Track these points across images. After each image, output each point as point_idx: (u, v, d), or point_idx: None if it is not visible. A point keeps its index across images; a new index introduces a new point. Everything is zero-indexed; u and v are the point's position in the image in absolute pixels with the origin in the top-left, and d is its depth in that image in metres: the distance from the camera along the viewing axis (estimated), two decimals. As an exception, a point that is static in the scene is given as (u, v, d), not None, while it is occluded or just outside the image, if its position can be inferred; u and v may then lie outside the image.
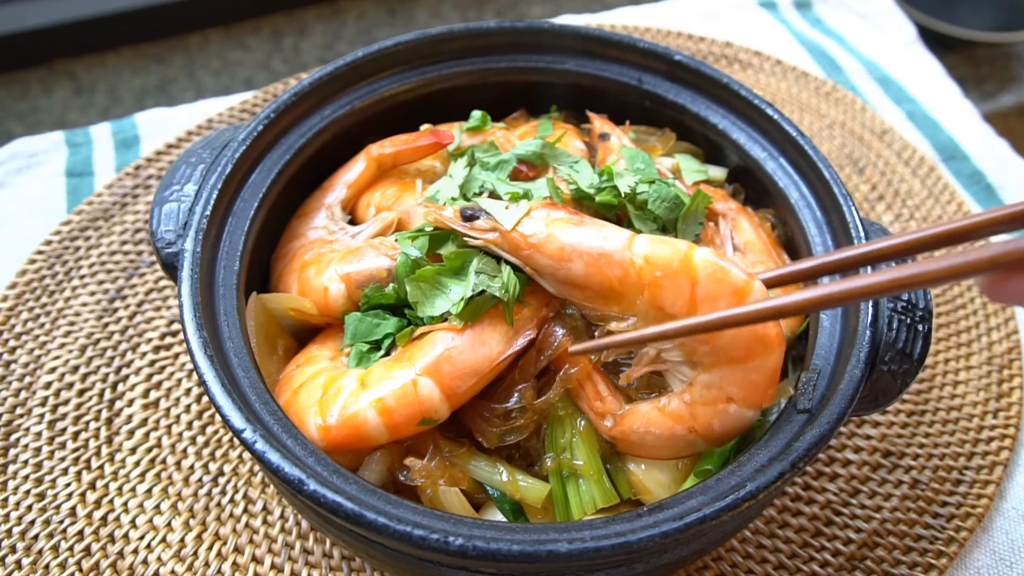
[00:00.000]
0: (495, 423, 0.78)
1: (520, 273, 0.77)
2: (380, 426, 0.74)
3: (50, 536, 0.95)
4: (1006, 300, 0.59)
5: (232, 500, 0.99)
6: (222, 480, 1.00)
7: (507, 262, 0.77)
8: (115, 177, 1.30)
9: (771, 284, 0.73)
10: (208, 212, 0.82)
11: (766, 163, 0.94)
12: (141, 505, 0.98)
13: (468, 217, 0.76)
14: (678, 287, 0.70)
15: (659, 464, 0.78)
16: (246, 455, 1.02)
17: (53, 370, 1.09)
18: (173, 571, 0.93)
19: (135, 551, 0.94)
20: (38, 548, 0.94)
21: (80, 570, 0.93)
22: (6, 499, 0.97)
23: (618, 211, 0.86)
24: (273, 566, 0.94)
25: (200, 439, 1.04)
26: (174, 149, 1.35)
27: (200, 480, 1.00)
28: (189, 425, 1.05)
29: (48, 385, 1.07)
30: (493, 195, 0.84)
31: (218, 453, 1.03)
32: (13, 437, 1.03)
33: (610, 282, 0.71)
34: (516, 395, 0.77)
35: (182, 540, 0.95)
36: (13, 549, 0.93)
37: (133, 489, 0.99)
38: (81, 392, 1.07)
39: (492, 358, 0.75)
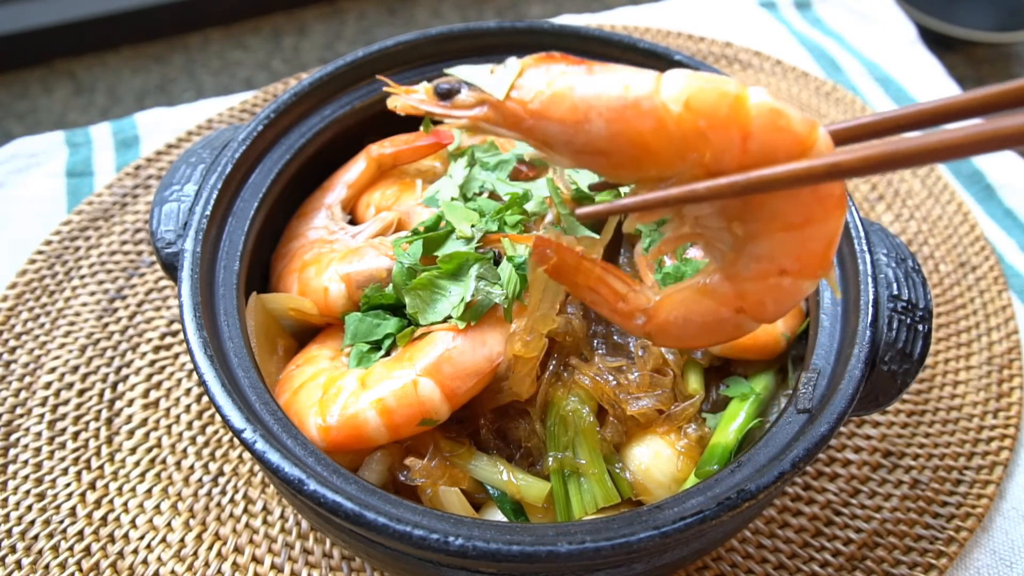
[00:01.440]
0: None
1: (521, 272, 0.77)
2: (380, 426, 0.74)
3: (50, 536, 0.95)
4: None
5: (232, 500, 0.99)
6: (222, 480, 1.00)
7: (506, 137, 0.64)
8: (115, 177, 1.30)
9: (835, 139, 0.58)
10: (208, 212, 0.82)
11: (766, 163, 0.93)
12: (141, 505, 0.98)
13: (445, 94, 0.62)
14: (727, 139, 0.55)
15: (660, 464, 0.78)
16: (246, 455, 1.02)
17: (53, 370, 1.09)
18: (173, 571, 0.93)
19: (135, 551, 0.94)
20: (38, 548, 0.94)
21: (80, 570, 0.93)
22: (6, 499, 0.97)
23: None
24: (273, 566, 0.94)
25: (200, 439, 1.04)
26: (174, 149, 1.35)
27: (200, 480, 1.00)
28: (189, 425, 1.05)
29: (48, 385, 1.07)
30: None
31: (218, 453, 1.03)
32: (13, 437, 1.03)
33: (642, 139, 0.57)
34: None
35: (182, 540, 0.95)
36: (13, 549, 0.93)
37: (133, 489, 0.99)
38: (81, 392, 1.07)
39: (492, 358, 0.75)
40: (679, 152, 0.57)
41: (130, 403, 1.07)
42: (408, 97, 0.64)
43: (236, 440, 0.94)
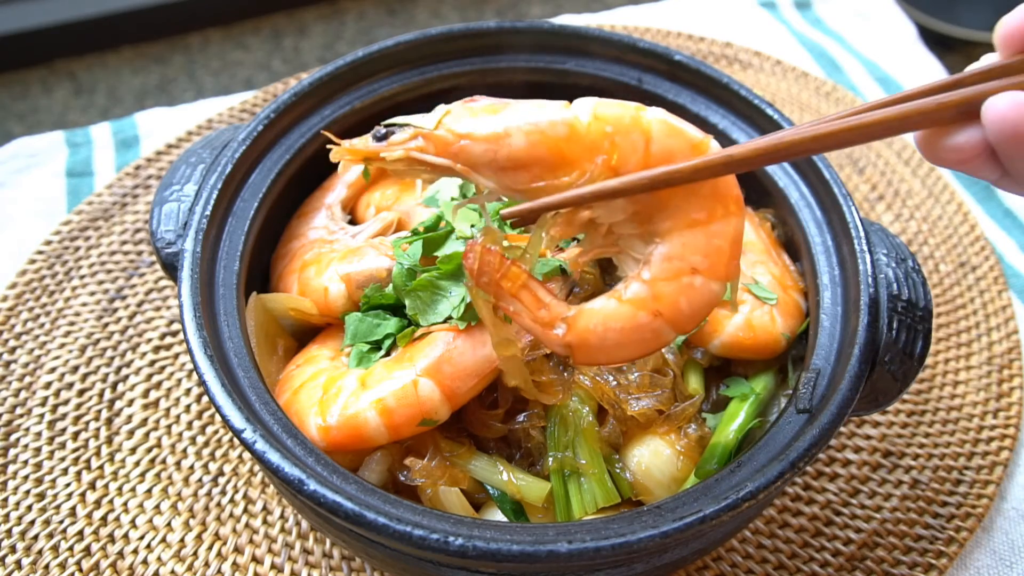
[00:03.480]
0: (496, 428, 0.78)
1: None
2: (380, 427, 0.74)
3: (50, 536, 0.95)
4: (937, 159, 0.58)
5: (232, 500, 0.99)
6: (222, 480, 1.00)
7: (436, 168, 0.68)
8: (115, 177, 1.30)
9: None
10: (208, 212, 0.82)
11: (766, 163, 0.93)
12: (141, 505, 0.98)
13: (381, 137, 0.68)
14: (632, 143, 0.64)
15: (660, 464, 0.78)
16: (246, 455, 1.02)
17: (53, 370, 1.09)
18: (173, 571, 0.93)
19: (135, 551, 0.94)
20: (38, 548, 0.94)
21: (80, 570, 0.93)
22: (6, 499, 0.97)
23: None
24: (273, 566, 0.94)
25: (200, 439, 1.03)
26: (174, 149, 1.35)
27: (200, 480, 1.00)
28: (189, 425, 1.05)
29: (48, 385, 1.07)
30: None
31: (218, 453, 1.03)
32: (13, 437, 1.03)
33: (557, 145, 0.64)
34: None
35: (182, 540, 0.95)
36: (13, 549, 0.93)
37: (133, 489, 0.99)
38: (81, 392, 1.07)
39: (493, 359, 0.75)
40: (590, 155, 0.65)
41: (130, 403, 1.07)
42: (343, 152, 0.68)
43: (236, 440, 0.94)
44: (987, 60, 0.57)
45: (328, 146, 0.69)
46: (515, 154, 0.65)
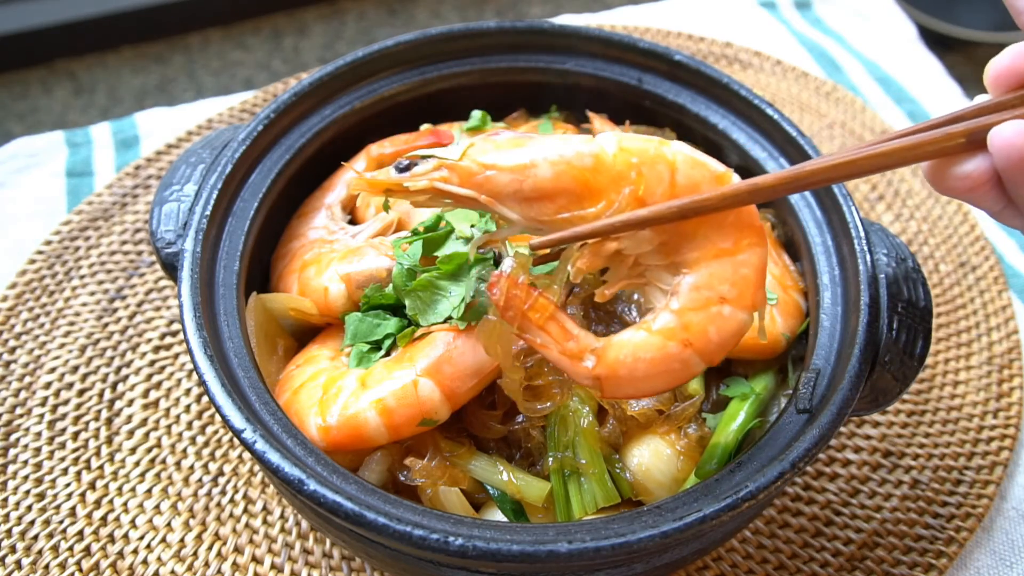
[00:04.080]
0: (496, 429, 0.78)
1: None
2: (380, 427, 0.74)
3: (50, 536, 0.95)
4: (946, 188, 0.60)
5: (232, 500, 0.99)
6: (222, 480, 1.00)
7: (460, 200, 0.68)
8: (115, 177, 1.30)
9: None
10: (208, 212, 0.82)
11: (766, 163, 0.94)
12: (141, 505, 0.98)
13: (404, 168, 0.68)
14: (657, 173, 0.65)
15: (660, 464, 0.78)
16: (246, 455, 1.02)
17: (53, 370, 1.09)
18: (173, 571, 0.93)
19: (135, 551, 0.94)
20: (38, 548, 0.94)
21: (80, 570, 0.93)
22: (6, 499, 0.97)
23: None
24: (273, 566, 0.94)
25: (200, 439, 1.04)
26: (174, 149, 1.35)
27: (200, 480, 1.00)
28: (189, 425, 1.05)
29: (48, 385, 1.07)
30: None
31: (218, 453, 1.03)
32: (13, 437, 1.03)
33: (583, 176, 0.65)
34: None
35: (182, 540, 0.95)
36: (13, 549, 0.93)
37: (133, 489, 0.99)
38: (81, 392, 1.07)
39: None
40: (617, 185, 0.65)
41: (130, 403, 1.07)
42: (364, 184, 0.69)
43: (236, 440, 0.94)
44: (980, 99, 0.60)
45: (348, 180, 0.68)
46: (541, 184, 0.65)
